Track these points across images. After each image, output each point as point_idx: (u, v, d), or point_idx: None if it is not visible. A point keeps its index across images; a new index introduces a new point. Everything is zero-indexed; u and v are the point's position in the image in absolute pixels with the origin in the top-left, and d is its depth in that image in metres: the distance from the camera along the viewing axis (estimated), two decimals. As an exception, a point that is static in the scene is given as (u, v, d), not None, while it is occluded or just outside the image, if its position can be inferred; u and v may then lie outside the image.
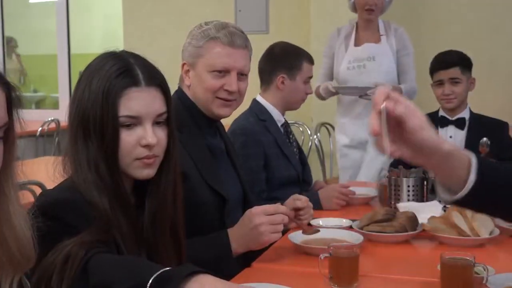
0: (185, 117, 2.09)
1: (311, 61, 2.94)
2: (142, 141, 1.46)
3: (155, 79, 1.50)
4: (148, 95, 1.46)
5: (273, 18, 5.23)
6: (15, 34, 8.36)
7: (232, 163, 2.24)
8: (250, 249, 1.95)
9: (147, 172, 1.50)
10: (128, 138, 1.45)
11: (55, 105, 7.39)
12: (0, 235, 1.10)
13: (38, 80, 8.17)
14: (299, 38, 4.73)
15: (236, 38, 2.09)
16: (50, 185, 1.57)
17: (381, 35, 3.76)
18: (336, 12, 4.54)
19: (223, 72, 2.08)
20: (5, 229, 1.10)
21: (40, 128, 5.53)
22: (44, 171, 1.61)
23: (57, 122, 5.66)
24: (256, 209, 1.91)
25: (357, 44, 3.76)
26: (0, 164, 1.07)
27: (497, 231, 2.14)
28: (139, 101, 1.45)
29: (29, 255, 1.13)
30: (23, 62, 8.12)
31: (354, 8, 3.75)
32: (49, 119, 5.63)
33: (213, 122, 2.18)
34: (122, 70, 1.45)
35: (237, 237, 1.92)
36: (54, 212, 1.37)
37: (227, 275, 1.80)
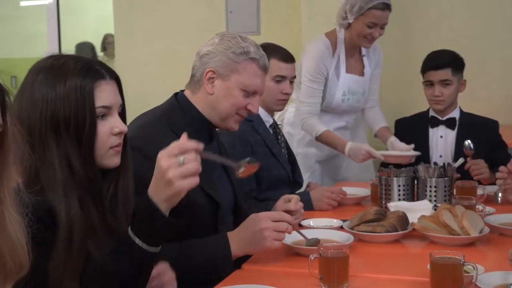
0: (182, 121, 2.09)
1: (283, 58, 2.80)
2: (115, 130, 1.54)
3: (113, 72, 1.58)
4: (112, 87, 1.56)
5: (264, 20, 5.23)
6: (6, 37, 8.33)
7: (225, 169, 2.24)
8: (248, 253, 1.97)
9: (117, 160, 1.58)
10: (103, 128, 1.53)
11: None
12: None
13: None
14: (290, 39, 4.74)
15: (267, 63, 2.15)
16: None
17: (363, 55, 3.45)
18: (327, 13, 4.54)
19: (252, 93, 2.11)
20: None
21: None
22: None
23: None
24: (263, 214, 1.93)
25: (347, 70, 3.39)
26: None
27: (487, 230, 2.15)
28: (109, 92, 1.54)
29: (22, 263, 1.12)
30: (15, 64, 8.10)
31: (346, 27, 3.30)
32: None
33: (211, 129, 2.18)
34: (87, 66, 1.52)
35: (238, 239, 1.93)
36: (49, 219, 1.40)
37: (223, 277, 1.82)
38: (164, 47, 5.47)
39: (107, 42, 7.94)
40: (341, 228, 2.26)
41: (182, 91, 2.18)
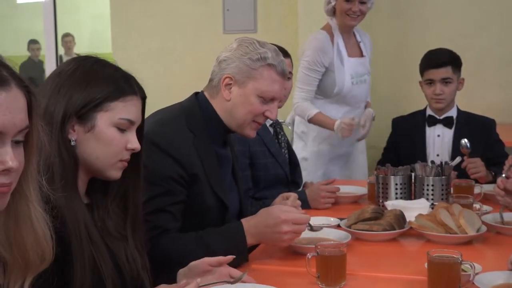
0: (200, 121, 2.08)
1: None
2: (129, 145, 1.56)
3: (144, 92, 1.61)
4: (139, 105, 1.60)
5: (261, 18, 5.22)
6: (2, 35, 8.31)
7: (234, 175, 2.25)
8: (261, 243, 2.02)
9: (119, 174, 1.60)
10: (121, 139, 1.56)
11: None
12: (18, 237, 1.13)
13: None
14: (287, 37, 4.73)
15: (286, 68, 2.12)
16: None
17: (359, 42, 3.60)
18: (324, 12, 4.54)
19: (270, 99, 2.09)
20: (24, 230, 1.14)
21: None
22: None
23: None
24: (287, 216, 1.93)
25: (349, 54, 3.52)
26: (22, 166, 1.11)
27: (484, 228, 2.15)
28: (136, 109, 1.59)
29: (45, 256, 1.18)
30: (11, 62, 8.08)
31: (333, 12, 3.48)
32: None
33: (226, 134, 2.17)
34: (126, 78, 1.58)
35: (255, 233, 1.95)
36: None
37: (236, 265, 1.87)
38: (161, 45, 5.46)
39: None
40: (338, 226, 2.26)
41: (202, 91, 2.16)
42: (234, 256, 1.70)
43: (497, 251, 2.07)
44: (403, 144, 3.24)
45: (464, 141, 2.93)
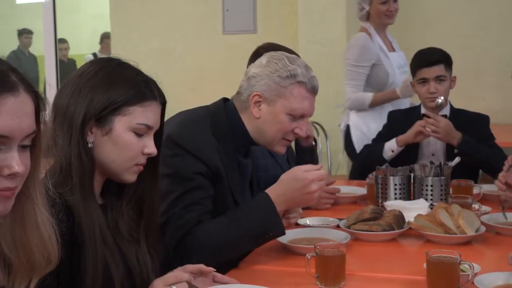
0: (226, 129, 2.09)
1: None
2: (146, 150, 1.57)
3: (164, 97, 1.61)
4: (158, 110, 1.60)
5: (260, 18, 5.23)
6: (2, 35, 8.31)
7: (251, 185, 2.27)
8: (291, 208, 2.11)
9: (134, 178, 1.60)
10: (138, 144, 1.57)
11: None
12: (24, 239, 1.14)
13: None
14: (287, 38, 4.74)
15: (316, 84, 2.10)
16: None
17: (391, 41, 3.95)
18: (324, 11, 4.55)
19: (299, 117, 2.09)
20: (30, 233, 1.15)
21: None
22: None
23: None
24: (314, 175, 1.95)
25: (388, 50, 3.91)
26: (28, 170, 1.11)
27: (483, 228, 2.15)
28: (155, 114, 1.59)
29: (51, 258, 1.18)
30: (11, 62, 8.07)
31: (367, 17, 3.87)
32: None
33: (250, 145, 2.18)
34: (146, 82, 1.58)
35: (283, 199, 1.96)
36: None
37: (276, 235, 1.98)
38: (161, 45, 5.47)
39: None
40: (337, 227, 2.26)
41: (231, 100, 2.16)
42: (215, 270, 1.65)
43: (496, 251, 2.07)
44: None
45: (440, 99, 3.06)
